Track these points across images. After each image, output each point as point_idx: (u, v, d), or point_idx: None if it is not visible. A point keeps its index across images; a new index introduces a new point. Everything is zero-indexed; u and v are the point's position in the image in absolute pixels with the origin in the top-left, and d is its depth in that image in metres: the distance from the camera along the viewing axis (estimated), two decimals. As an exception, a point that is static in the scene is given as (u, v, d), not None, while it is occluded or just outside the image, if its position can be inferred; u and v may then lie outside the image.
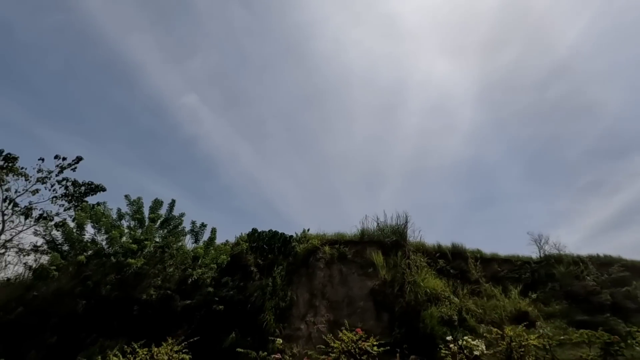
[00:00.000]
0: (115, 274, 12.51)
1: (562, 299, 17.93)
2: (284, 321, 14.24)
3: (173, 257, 13.06)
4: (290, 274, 15.82)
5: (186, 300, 12.28)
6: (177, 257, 13.09)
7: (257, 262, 16.14)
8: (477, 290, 18.08)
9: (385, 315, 14.84)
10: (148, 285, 12.78)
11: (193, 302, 12.30)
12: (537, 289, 18.87)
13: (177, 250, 12.89)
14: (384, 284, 15.51)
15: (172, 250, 12.75)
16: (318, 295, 15.26)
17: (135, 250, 11.64)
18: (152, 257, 12.75)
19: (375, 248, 17.22)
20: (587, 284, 18.13)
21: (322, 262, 16.33)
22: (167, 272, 12.89)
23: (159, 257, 12.95)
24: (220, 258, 13.33)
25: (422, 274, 16.40)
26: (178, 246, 12.90)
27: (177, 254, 13.19)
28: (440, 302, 15.49)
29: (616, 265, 19.16)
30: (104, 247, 12.19)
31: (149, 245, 12.04)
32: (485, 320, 16.05)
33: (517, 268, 20.22)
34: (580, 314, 17.15)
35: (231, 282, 14.80)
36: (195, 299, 12.37)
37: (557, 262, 19.35)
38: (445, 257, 19.17)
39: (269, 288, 14.73)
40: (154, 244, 12.54)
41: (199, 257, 12.92)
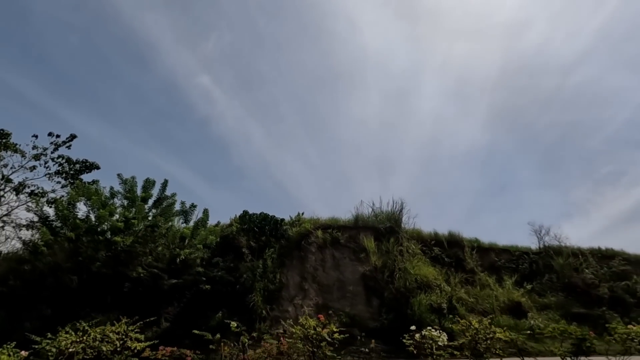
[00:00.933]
0: (105, 252, 12.66)
1: (559, 291, 17.63)
2: (273, 303, 14.34)
3: (163, 236, 13.11)
4: (282, 257, 15.85)
5: (173, 279, 12.41)
6: (168, 236, 13.15)
7: (250, 244, 16.19)
8: (471, 279, 17.88)
9: (375, 300, 14.82)
10: (139, 263, 12.94)
11: (180, 281, 12.42)
12: (535, 279, 18.58)
13: (166, 230, 12.94)
14: (375, 269, 15.43)
15: (161, 229, 12.80)
16: (309, 278, 15.28)
17: (122, 228, 11.72)
18: (143, 236, 12.83)
19: (369, 234, 17.09)
20: (585, 277, 17.76)
21: (314, 246, 16.30)
22: (157, 251, 12.97)
23: (149, 236, 13.02)
24: (208, 239, 13.38)
25: (414, 261, 16.26)
26: (168, 226, 12.94)
27: (167, 234, 13.25)
28: (431, 289, 15.37)
29: (617, 258, 18.69)
30: (94, 224, 12.30)
31: (137, 224, 12.10)
32: (477, 310, 15.91)
33: (515, 258, 19.89)
34: (576, 306, 16.87)
35: (222, 262, 14.92)
36: (183, 278, 12.50)
37: (556, 253, 18.95)
38: (441, 245, 18.94)
39: (259, 270, 14.79)
40: (145, 223, 12.59)
41: (185, 238, 12.97)
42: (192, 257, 12.65)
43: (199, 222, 13.96)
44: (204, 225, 15.35)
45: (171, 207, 13.68)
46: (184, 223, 14.08)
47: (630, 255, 19.42)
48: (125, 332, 6.00)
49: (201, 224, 14.89)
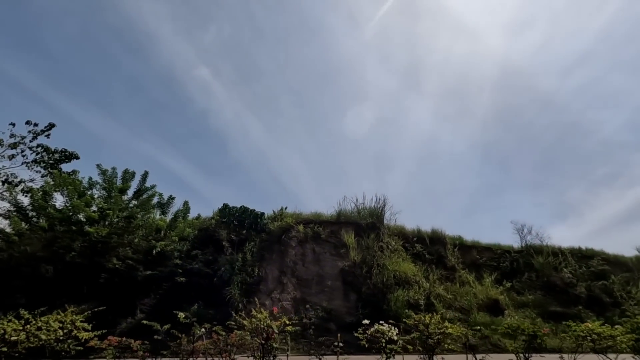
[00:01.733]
0: (81, 242, 12.60)
1: (538, 289, 17.82)
2: (251, 296, 14.33)
3: (140, 228, 13.06)
4: (263, 251, 15.86)
5: (148, 271, 12.38)
6: (145, 228, 13.09)
7: (231, 238, 16.17)
8: (452, 276, 18.01)
9: (352, 295, 14.89)
10: (115, 254, 12.90)
11: (155, 273, 12.39)
12: (515, 278, 18.76)
13: (143, 221, 12.87)
14: (354, 265, 15.49)
15: (138, 221, 12.73)
16: (288, 272, 15.31)
17: (97, 219, 11.65)
18: (119, 227, 12.77)
19: (351, 229, 17.13)
20: (564, 276, 17.95)
21: (295, 240, 16.32)
22: (134, 242, 12.92)
23: (125, 227, 12.96)
24: (185, 231, 13.33)
25: (394, 258, 16.34)
26: (145, 218, 12.87)
27: (145, 226, 13.19)
28: (409, 285, 15.46)
29: (597, 258, 18.90)
30: (69, 214, 12.21)
31: (113, 215, 12.03)
32: (455, 306, 16.04)
33: (497, 256, 20.07)
34: (554, 305, 17.06)
35: (201, 255, 14.90)
36: (158, 270, 12.46)
37: (537, 252, 19.13)
38: (423, 242, 19.05)
39: (238, 263, 14.80)
40: (121, 214, 12.52)
41: (160, 229, 12.92)
42: (169, 249, 12.59)
43: (177, 214, 13.88)
44: (184, 217, 15.32)
45: (150, 199, 13.59)
46: (161, 215, 13.99)
47: (609, 255, 19.65)
48: (72, 321, 5.97)
49: (180, 216, 14.86)
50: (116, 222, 12.58)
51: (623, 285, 18.10)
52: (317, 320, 13.68)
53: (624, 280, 18.30)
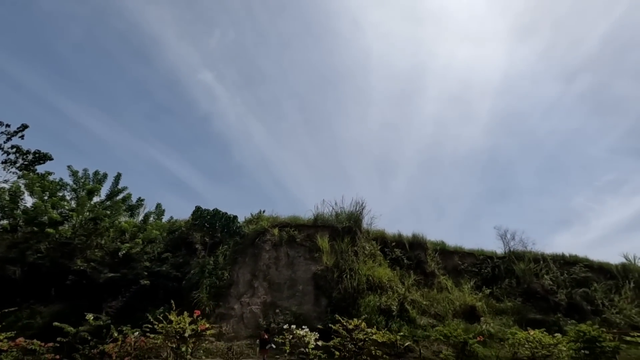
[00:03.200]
0: (47, 243, 12.54)
1: (518, 296, 17.47)
2: (220, 299, 14.21)
3: (107, 230, 12.98)
4: (236, 254, 15.72)
5: (110, 273, 12.28)
6: (112, 230, 13.02)
7: (204, 241, 16.05)
8: (431, 281, 17.73)
9: (323, 300, 14.67)
10: (82, 256, 12.83)
11: (117, 275, 12.28)
12: (496, 284, 18.44)
13: (111, 224, 12.80)
14: (327, 269, 15.29)
15: (104, 222, 12.66)
16: (260, 276, 15.14)
17: (59, 220, 11.59)
18: (85, 229, 12.71)
19: (327, 233, 16.94)
20: (545, 283, 17.62)
21: (269, 244, 16.16)
22: (101, 244, 12.85)
23: (92, 229, 12.89)
24: (152, 233, 13.24)
25: (369, 262, 16.11)
26: (111, 220, 12.80)
27: (113, 228, 13.12)
28: (383, 291, 15.22)
29: (579, 265, 18.55)
30: (32, 215, 12.16)
31: (76, 216, 11.97)
32: (430, 313, 15.75)
33: (479, 262, 19.76)
34: (533, 312, 16.70)
35: (172, 258, 14.79)
36: (121, 272, 12.35)
37: (519, 258, 18.81)
38: (403, 246, 18.80)
39: (210, 266, 14.66)
40: (85, 216, 12.47)
41: (125, 232, 12.84)
42: (134, 251, 12.49)
43: (147, 216, 13.81)
44: (158, 218, 15.25)
45: (119, 201, 13.53)
46: (130, 217, 13.93)
47: (593, 262, 19.30)
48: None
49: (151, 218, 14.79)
50: (82, 224, 12.50)
51: (606, 292, 17.74)
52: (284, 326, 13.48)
53: (607, 288, 17.95)
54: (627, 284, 18.14)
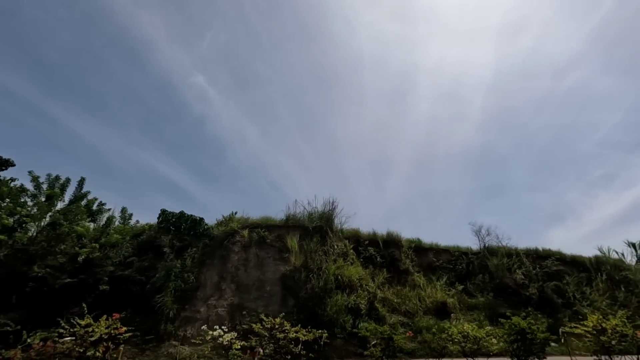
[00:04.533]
0: (4, 251, 12.34)
1: (491, 291, 17.54)
2: (186, 303, 14.06)
3: (67, 235, 12.80)
4: (204, 256, 15.57)
5: (68, 279, 12.10)
6: (73, 236, 12.84)
7: (173, 244, 15.89)
8: (404, 279, 17.75)
9: (291, 300, 14.59)
10: (43, 262, 12.64)
11: (74, 280, 12.11)
12: (470, 280, 18.51)
13: (70, 229, 12.63)
14: (295, 269, 15.22)
15: (64, 228, 12.48)
16: (228, 278, 15.02)
17: (11, 226, 11.40)
18: (45, 235, 12.52)
19: (297, 233, 16.86)
20: (517, 277, 17.70)
21: (238, 245, 16.05)
22: (60, 250, 12.66)
23: (52, 234, 12.70)
24: (113, 238, 13.08)
25: (339, 261, 16.05)
26: (70, 225, 12.63)
27: (73, 233, 12.94)
28: (352, 290, 15.18)
29: (551, 258, 18.65)
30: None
31: (32, 222, 11.79)
32: (400, 310, 15.74)
33: (455, 259, 19.80)
34: (504, 307, 16.75)
35: (137, 262, 14.63)
36: (78, 278, 12.18)
37: (492, 254, 18.88)
38: (377, 245, 18.80)
39: (176, 269, 14.51)
40: (42, 222, 12.29)
41: (82, 236, 12.68)
42: (94, 256, 12.33)
43: (108, 221, 13.65)
44: (124, 223, 15.08)
45: (79, 206, 13.35)
46: (91, 222, 13.76)
47: (566, 255, 19.42)
48: None
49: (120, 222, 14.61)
50: (40, 230, 12.31)
51: (578, 285, 17.86)
52: (249, 327, 13.37)
53: (579, 281, 18.07)
54: (600, 277, 18.27)
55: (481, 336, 5.78)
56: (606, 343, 7.22)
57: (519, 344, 6.53)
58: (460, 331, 6.14)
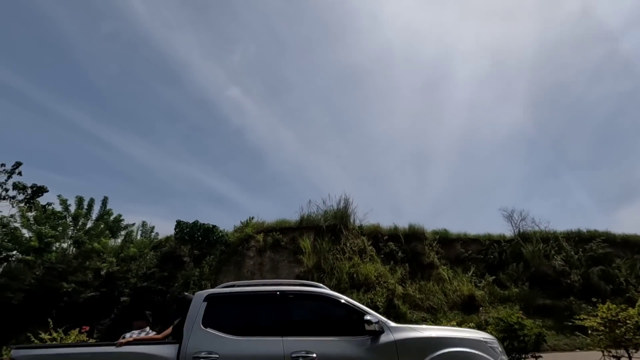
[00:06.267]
0: (40, 270, 13.51)
1: (526, 281, 16.07)
2: (205, 310, 14.48)
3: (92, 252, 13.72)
4: (221, 263, 15.94)
5: (90, 293, 12.94)
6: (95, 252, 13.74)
7: (193, 253, 16.48)
8: (428, 273, 16.86)
9: (306, 302, 14.45)
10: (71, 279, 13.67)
11: (96, 294, 12.92)
12: (503, 270, 17.12)
13: (92, 246, 13.54)
14: (308, 270, 15.04)
15: (87, 245, 13.40)
16: (244, 283, 15.23)
17: (37, 247, 12.43)
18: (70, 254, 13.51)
19: (312, 233, 16.68)
20: (556, 264, 16.05)
21: (253, 250, 16.21)
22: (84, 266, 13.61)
23: (80, 252, 13.68)
24: (130, 251, 13.80)
25: (355, 259, 15.62)
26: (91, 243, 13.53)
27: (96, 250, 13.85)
28: (370, 287, 14.69)
29: (597, 240, 16.66)
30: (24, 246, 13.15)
31: (55, 242, 12.78)
32: (424, 306, 14.94)
33: (485, 248, 18.43)
34: (542, 297, 15.25)
35: (158, 273, 15.32)
36: (100, 291, 12.98)
37: (526, 240, 17.31)
38: (397, 239, 18.04)
39: (194, 277, 14.99)
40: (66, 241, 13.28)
41: (98, 252, 13.48)
42: (114, 270, 13.09)
43: (128, 235, 14.44)
44: (146, 236, 15.88)
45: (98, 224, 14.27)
46: (111, 237, 14.63)
47: (616, 235, 17.29)
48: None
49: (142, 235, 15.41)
50: (64, 249, 13.31)
51: (631, 268, 15.80)
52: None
53: (632, 264, 15.98)
54: (659, 257, 16.04)
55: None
56: (618, 337, 6.19)
57: (509, 342, 5.77)
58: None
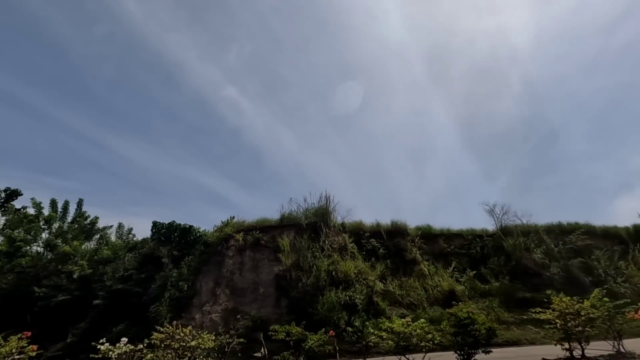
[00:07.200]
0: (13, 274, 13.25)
1: (507, 275, 16.03)
2: (182, 311, 14.25)
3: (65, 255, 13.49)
4: (200, 264, 15.74)
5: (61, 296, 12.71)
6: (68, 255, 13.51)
7: (172, 254, 16.28)
8: (411, 269, 16.79)
9: (284, 300, 14.29)
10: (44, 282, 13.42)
11: (69, 298, 12.70)
12: (485, 264, 17.10)
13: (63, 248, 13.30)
14: (287, 268, 14.91)
15: (59, 249, 13.17)
16: (222, 283, 15.05)
17: (7, 251, 12.19)
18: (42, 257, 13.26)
19: (292, 231, 16.53)
20: (536, 257, 16.04)
21: (233, 249, 16.04)
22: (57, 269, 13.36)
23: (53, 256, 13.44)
24: (104, 254, 13.58)
25: (334, 256, 15.50)
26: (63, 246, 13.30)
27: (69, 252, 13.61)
28: (349, 285, 14.57)
29: (577, 232, 16.67)
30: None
31: (26, 246, 12.54)
32: (403, 303, 14.87)
33: (468, 243, 18.38)
34: (522, 290, 15.23)
35: (135, 275, 15.11)
36: (73, 295, 12.76)
37: (508, 234, 17.29)
38: (380, 236, 17.95)
39: (172, 279, 14.80)
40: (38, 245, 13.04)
41: (70, 255, 13.26)
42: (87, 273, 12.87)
43: (102, 237, 14.21)
44: (123, 238, 15.65)
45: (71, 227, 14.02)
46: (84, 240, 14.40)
47: (596, 227, 17.34)
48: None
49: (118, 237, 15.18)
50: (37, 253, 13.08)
51: (610, 260, 15.83)
52: (244, 331, 13.25)
53: (611, 255, 16.01)
54: (638, 248, 16.08)
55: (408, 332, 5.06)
56: (570, 330, 6.11)
57: (461, 337, 5.66)
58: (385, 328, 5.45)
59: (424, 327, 5.37)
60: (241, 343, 13.17)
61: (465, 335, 5.49)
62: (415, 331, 5.27)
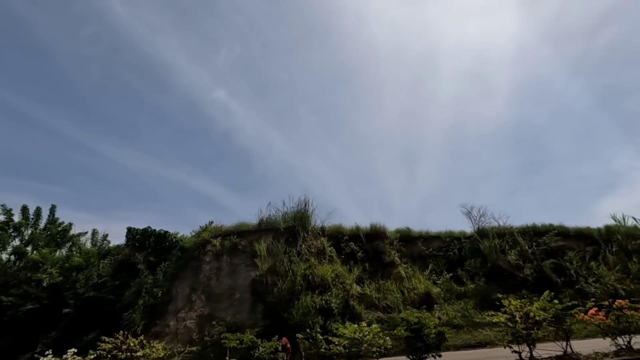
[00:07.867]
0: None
1: (482, 276, 16.25)
2: (157, 317, 14.08)
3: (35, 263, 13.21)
4: (176, 270, 15.57)
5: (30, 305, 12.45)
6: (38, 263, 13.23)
7: (148, 260, 16.06)
8: (389, 272, 16.88)
9: (260, 306, 14.22)
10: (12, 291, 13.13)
11: (37, 306, 12.44)
12: (462, 266, 17.30)
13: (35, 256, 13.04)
14: (263, 274, 14.86)
15: (29, 257, 12.90)
16: (199, 289, 14.92)
17: (-30, 259, 11.91)
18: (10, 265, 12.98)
19: (270, 236, 16.49)
20: (510, 259, 16.30)
21: (210, 255, 15.92)
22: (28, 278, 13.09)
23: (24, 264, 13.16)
24: (75, 261, 13.35)
25: (312, 260, 15.50)
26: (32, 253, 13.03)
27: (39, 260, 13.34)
28: (326, 289, 14.58)
29: (550, 234, 16.99)
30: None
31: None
32: (380, 306, 14.95)
33: (446, 245, 18.57)
34: (497, 291, 15.42)
35: (110, 282, 14.88)
36: (41, 303, 12.51)
37: (484, 236, 17.53)
38: (359, 239, 18.01)
39: (147, 285, 14.62)
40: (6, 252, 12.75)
41: (39, 263, 13.02)
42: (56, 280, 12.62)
43: (74, 244, 13.97)
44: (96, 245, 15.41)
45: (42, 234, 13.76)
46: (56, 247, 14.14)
47: (569, 229, 17.68)
48: None
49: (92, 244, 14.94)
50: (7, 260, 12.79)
51: (582, 260, 16.17)
52: (218, 337, 13.13)
53: (583, 256, 16.35)
54: (609, 249, 16.46)
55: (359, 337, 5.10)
56: (518, 332, 6.25)
57: (414, 341, 5.73)
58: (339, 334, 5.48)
59: (376, 332, 5.40)
60: (215, 350, 13.12)
61: (417, 340, 5.55)
62: (365, 337, 5.30)
